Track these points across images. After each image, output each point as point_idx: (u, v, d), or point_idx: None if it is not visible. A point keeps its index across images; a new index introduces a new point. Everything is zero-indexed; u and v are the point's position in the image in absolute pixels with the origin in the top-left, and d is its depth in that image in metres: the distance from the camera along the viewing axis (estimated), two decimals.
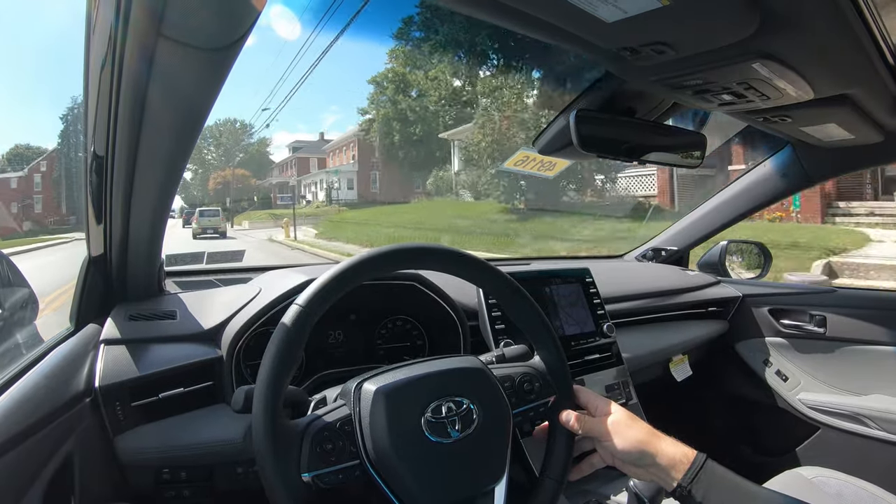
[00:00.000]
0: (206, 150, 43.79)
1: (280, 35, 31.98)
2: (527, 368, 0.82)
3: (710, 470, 0.68)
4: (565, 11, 0.66)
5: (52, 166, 25.01)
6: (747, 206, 1.76)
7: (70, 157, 24.34)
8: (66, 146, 24.21)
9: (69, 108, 25.77)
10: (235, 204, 34.50)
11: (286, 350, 0.64)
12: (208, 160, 44.05)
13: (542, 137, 1.20)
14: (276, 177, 40.93)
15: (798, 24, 0.69)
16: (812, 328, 1.67)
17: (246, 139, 43.67)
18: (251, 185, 39.50)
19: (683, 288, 1.74)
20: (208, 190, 40.45)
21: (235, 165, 41.20)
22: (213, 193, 39.06)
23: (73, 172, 24.12)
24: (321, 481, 0.63)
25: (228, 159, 42.48)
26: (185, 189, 41.34)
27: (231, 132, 43.44)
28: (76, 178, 6.75)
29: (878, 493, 1.06)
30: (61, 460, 0.75)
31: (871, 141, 1.25)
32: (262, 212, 31.11)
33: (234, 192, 36.25)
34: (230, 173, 39.72)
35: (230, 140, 43.18)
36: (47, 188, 24.62)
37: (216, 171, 40.97)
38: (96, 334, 0.94)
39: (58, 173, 24.49)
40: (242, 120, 45.37)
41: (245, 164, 41.57)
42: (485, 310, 1.15)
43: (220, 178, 39.77)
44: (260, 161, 42.93)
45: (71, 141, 24.32)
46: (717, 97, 0.96)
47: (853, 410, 1.53)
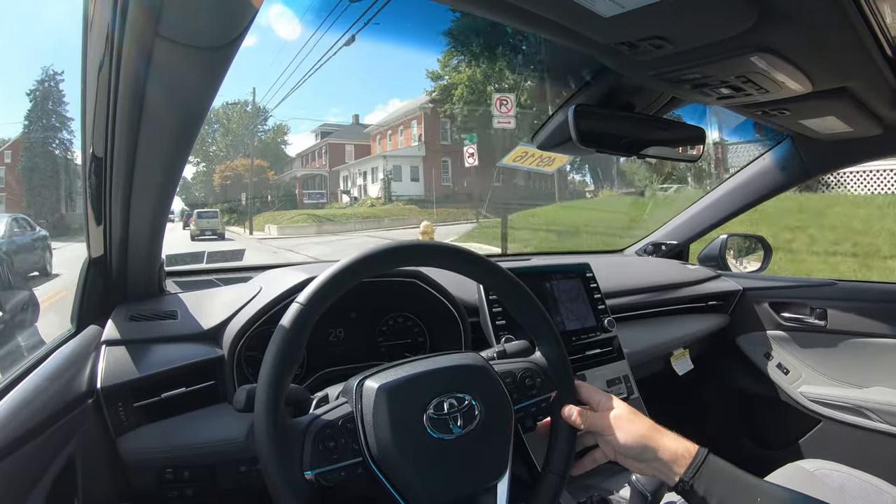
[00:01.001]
0: (210, 138, 35.10)
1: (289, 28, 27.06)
2: (528, 364, 0.82)
3: (711, 464, 0.69)
4: (563, 7, 0.66)
5: (18, 156, 20.97)
6: (747, 200, 1.76)
7: (44, 144, 21.41)
8: (38, 129, 21.57)
9: (39, 81, 22.41)
10: (252, 202, 26.42)
11: (287, 348, 0.64)
12: (213, 152, 35.71)
13: (541, 133, 1.20)
14: (299, 168, 32.06)
15: (796, 16, 0.69)
16: (813, 321, 1.67)
17: (259, 125, 34.49)
18: (268, 180, 30.88)
19: (684, 282, 1.74)
20: (213, 186, 32.70)
21: (247, 155, 32.43)
22: (221, 189, 31.22)
23: (48, 163, 20.92)
24: (324, 479, 0.63)
25: (237, 150, 34.20)
26: (186, 190, 35.32)
27: (241, 117, 34.56)
28: (53, 169, 6.21)
29: (881, 486, 1.06)
30: (64, 462, 0.75)
31: (869, 134, 1.25)
32: (293, 212, 24.67)
33: (250, 187, 26.98)
34: (243, 164, 31.42)
35: (240, 126, 34.45)
36: (14, 183, 20.34)
37: (224, 163, 32.49)
38: (97, 335, 0.94)
39: (26, 163, 20.66)
40: (255, 102, 35.53)
41: (258, 156, 32.54)
42: (485, 306, 1.15)
43: (229, 170, 31.37)
44: (276, 153, 34.39)
45: (43, 122, 21.74)
46: (716, 91, 0.96)
47: (855, 403, 1.53)
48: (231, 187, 29.86)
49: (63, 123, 22.58)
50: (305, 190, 28.75)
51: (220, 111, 34.02)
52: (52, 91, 22.57)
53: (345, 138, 30.32)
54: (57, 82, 22.75)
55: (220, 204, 27.55)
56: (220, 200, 29.16)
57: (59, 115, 22.55)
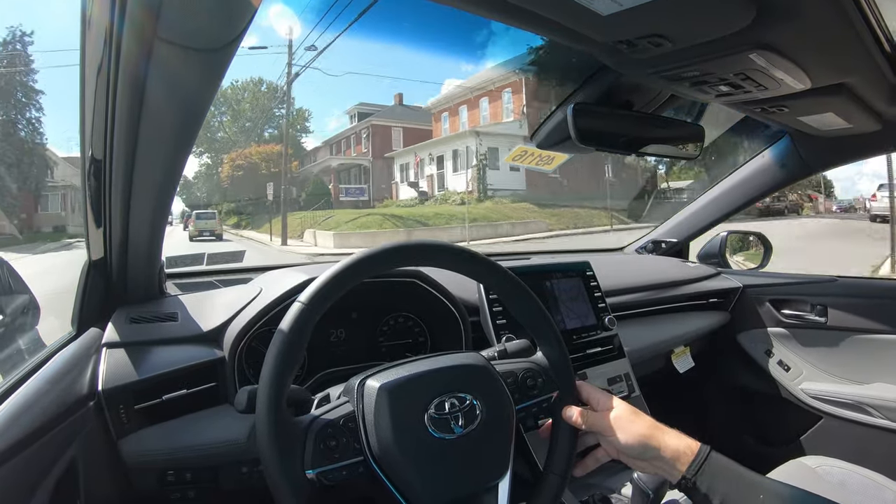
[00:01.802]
0: (216, 121, 28.42)
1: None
2: (529, 364, 0.82)
3: (714, 461, 0.69)
4: (560, 6, 0.66)
5: None
6: (746, 197, 1.76)
7: (4, 126, 16.97)
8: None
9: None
10: (285, 192, 18.11)
11: (289, 348, 0.64)
12: (220, 138, 29.11)
13: (540, 131, 1.20)
14: (331, 157, 24.79)
15: (794, 13, 0.69)
16: (813, 318, 1.67)
17: (276, 107, 27.80)
18: (290, 171, 22.51)
19: (684, 280, 1.74)
20: (222, 179, 26.49)
21: (263, 141, 26.52)
22: (231, 183, 25.01)
23: (11, 151, 16.49)
24: (325, 478, 0.63)
25: (250, 136, 27.93)
26: (187, 189, 30.39)
27: (255, 97, 28.37)
28: (17, 157, 4.93)
29: (882, 482, 1.06)
30: (66, 465, 0.75)
31: (868, 130, 1.25)
32: (349, 212, 18.00)
33: (283, 176, 18.92)
34: (259, 151, 24.50)
35: (254, 109, 28.14)
36: None
37: (236, 151, 26.24)
38: (98, 338, 0.94)
39: None
40: (270, 81, 28.88)
41: (278, 143, 25.36)
42: (486, 305, 1.15)
43: (241, 158, 24.95)
44: (294, 141, 27.32)
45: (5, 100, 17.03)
46: (715, 88, 0.96)
47: (855, 399, 1.53)
48: (243, 180, 24.01)
49: (30, 98, 17.92)
50: (344, 185, 22.57)
51: (227, 92, 28.21)
52: (18, 56, 18.24)
53: (391, 119, 23.48)
54: (25, 44, 18.24)
55: (224, 204, 23.63)
56: (230, 197, 23.85)
57: (25, 87, 18.06)
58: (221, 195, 25.72)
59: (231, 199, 24.38)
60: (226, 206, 23.98)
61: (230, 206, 24.23)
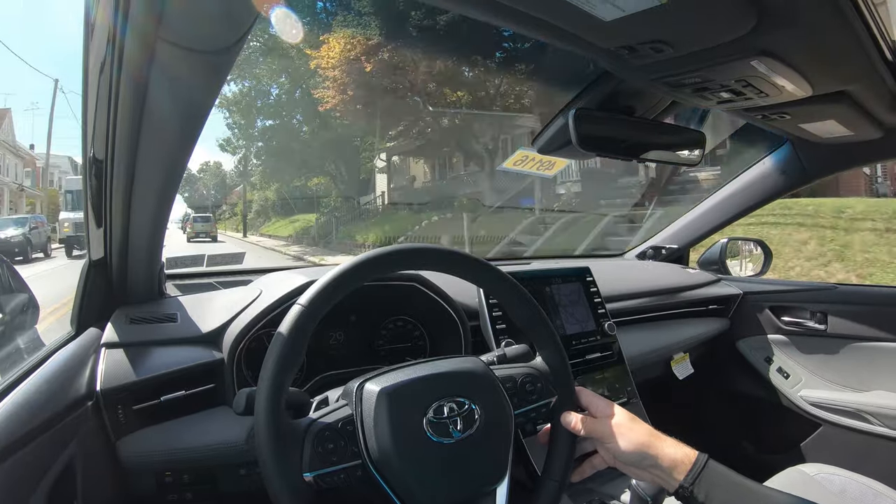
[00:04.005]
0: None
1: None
2: (529, 369, 0.82)
3: (711, 470, 0.68)
4: (563, 10, 0.66)
5: None
6: (746, 204, 1.76)
7: None
8: None
9: None
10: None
11: (288, 350, 0.64)
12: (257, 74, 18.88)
13: (541, 137, 1.20)
14: None
15: (796, 20, 0.70)
16: (813, 325, 1.67)
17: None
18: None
19: (684, 286, 1.74)
20: (317, 112, 15.73)
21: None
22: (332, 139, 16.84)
23: None
24: (323, 481, 0.63)
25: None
26: (191, 184, 29.83)
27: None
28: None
29: (881, 489, 1.06)
30: (63, 465, 0.75)
31: (869, 137, 1.25)
32: None
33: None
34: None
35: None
36: None
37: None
38: (97, 338, 0.94)
39: None
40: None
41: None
42: (485, 310, 1.15)
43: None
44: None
45: None
46: (716, 95, 0.96)
47: (855, 407, 1.53)
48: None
49: None
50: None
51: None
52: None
53: None
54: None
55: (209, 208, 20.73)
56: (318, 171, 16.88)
57: None
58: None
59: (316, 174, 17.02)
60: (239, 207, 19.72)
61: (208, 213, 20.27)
